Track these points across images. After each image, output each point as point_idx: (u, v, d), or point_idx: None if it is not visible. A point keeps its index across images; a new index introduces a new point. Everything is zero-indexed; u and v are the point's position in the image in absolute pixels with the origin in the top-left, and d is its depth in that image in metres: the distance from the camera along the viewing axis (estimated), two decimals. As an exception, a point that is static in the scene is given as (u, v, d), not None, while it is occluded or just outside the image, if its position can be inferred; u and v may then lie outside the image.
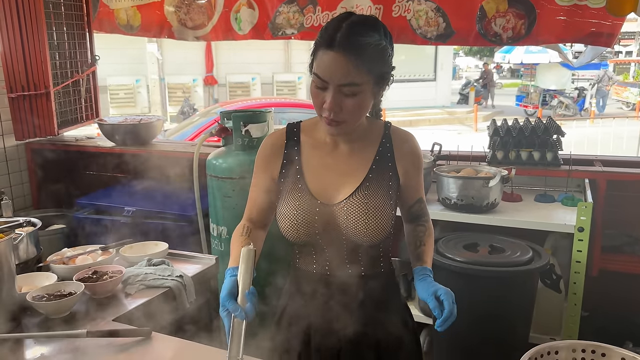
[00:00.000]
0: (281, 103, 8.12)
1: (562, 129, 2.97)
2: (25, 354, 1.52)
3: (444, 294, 1.39)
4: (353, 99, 1.34)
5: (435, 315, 1.37)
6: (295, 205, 1.46)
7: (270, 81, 15.26)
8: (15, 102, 3.49)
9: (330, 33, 1.32)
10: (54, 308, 1.68)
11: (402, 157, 1.51)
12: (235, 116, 2.68)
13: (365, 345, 1.52)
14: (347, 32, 1.31)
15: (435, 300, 1.39)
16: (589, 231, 2.37)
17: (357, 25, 1.33)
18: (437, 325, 1.36)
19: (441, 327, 1.36)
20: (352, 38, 1.30)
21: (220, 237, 2.74)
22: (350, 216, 1.43)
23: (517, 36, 2.92)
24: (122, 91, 14.23)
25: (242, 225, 1.57)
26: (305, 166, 1.50)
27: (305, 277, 1.54)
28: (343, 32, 1.30)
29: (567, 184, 2.85)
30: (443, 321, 1.35)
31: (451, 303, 1.37)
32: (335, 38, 1.30)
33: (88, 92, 3.93)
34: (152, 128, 3.81)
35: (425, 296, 1.42)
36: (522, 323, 2.43)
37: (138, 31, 3.79)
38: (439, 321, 1.36)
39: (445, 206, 2.69)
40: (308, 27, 3.31)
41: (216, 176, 2.70)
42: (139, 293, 1.88)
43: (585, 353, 1.31)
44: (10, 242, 1.66)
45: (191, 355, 1.51)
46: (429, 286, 1.44)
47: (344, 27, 1.31)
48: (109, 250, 2.14)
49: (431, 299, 1.39)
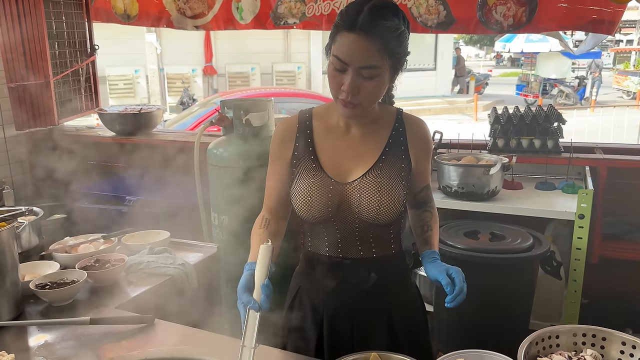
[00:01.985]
0: (281, 93, 8.10)
1: (562, 117, 2.97)
2: (29, 341, 1.53)
3: (455, 272, 1.42)
4: (371, 82, 1.35)
5: (447, 292, 1.39)
6: (309, 182, 1.47)
7: (269, 71, 15.18)
8: (15, 91, 3.48)
9: (352, 15, 1.32)
10: (57, 296, 1.69)
11: (415, 143, 1.53)
12: (236, 105, 2.68)
13: (377, 325, 1.54)
14: (369, 15, 1.31)
15: (447, 277, 1.41)
16: (589, 218, 2.38)
17: (378, 9, 1.33)
18: (447, 300, 1.39)
19: (452, 303, 1.38)
20: (374, 21, 1.31)
21: (221, 225, 2.74)
22: (364, 194, 1.45)
23: (518, 24, 2.91)
24: (121, 82, 14.17)
25: (262, 216, 1.59)
26: (318, 147, 1.51)
27: (316, 258, 1.56)
28: (365, 15, 1.31)
29: (568, 171, 2.85)
30: (454, 297, 1.38)
31: (462, 280, 1.40)
32: (357, 20, 1.31)
33: (88, 81, 3.92)
34: (153, 117, 3.81)
35: (437, 274, 1.45)
36: (522, 310, 2.45)
37: (135, 20, 3.77)
38: (450, 297, 1.38)
39: (446, 194, 2.70)
40: (310, 16, 3.29)
41: (217, 165, 2.70)
42: (141, 281, 1.89)
43: (586, 337, 1.32)
44: (13, 231, 1.66)
45: (193, 342, 1.52)
46: (439, 266, 1.48)
47: (365, 10, 1.31)
48: (111, 238, 2.15)
49: (443, 275, 1.42)
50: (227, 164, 2.66)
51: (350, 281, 1.52)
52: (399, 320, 1.56)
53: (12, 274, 1.62)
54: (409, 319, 1.59)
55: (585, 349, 1.29)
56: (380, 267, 1.53)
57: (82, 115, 3.93)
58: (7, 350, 1.43)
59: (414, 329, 1.60)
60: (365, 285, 1.52)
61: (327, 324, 1.56)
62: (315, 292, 1.58)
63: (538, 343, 1.29)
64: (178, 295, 1.91)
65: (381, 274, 1.53)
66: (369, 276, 1.52)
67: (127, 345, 1.50)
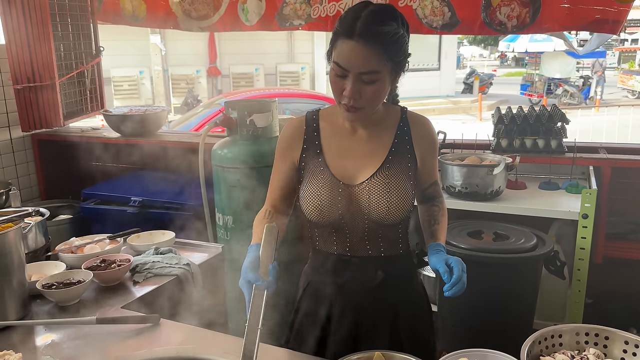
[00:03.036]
0: (285, 94, 8.11)
1: (566, 117, 2.96)
2: (36, 341, 1.55)
3: (455, 262, 1.41)
4: (372, 86, 1.37)
5: (445, 280, 1.39)
6: (318, 186, 1.49)
7: (273, 72, 15.18)
8: (21, 93, 3.50)
9: (350, 22, 1.34)
10: (63, 296, 1.71)
11: (420, 141, 1.54)
12: (240, 106, 2.69)
13: (383, 323, 1.56)
14: (366, 21, 1.33)
15: (446, 266, 1.41)
16: (593, 218, 2.38)
17: (375, 14, 1.35)
18: (445, 289, 1.38)
19: (449, 292, 1.37)
20: (371, 27, 1.33)
21: (226, 226, 2.75)
22: (372, 196, 1.47)
23: (522, 24, 2.91)
24: (125, 83, 14.19)
25: (265, 210, 1.60)
26: (325, 150, 1.53)
27: (326, 258, 1.57)
28: (362, 21, 1.33)
29: (572, 171, 2.85)
30: (451, 285, 1.37)
31: (460, 270, 1.39)
32: (355, 27, 1.33)
33: (93, 83, 3.94)
34: (158, 118, 3.82)
35: (436, 263, 1.45)
36: (526, 310, 2.45)
37: (143, 22, 3.79)
38: (447, 285, 1.37)
39: (450, 194, 2.70)
40: (315, 17, 3.31)
41: (222, 166, 2.71)
42: (147, 281, 1.90)
43: (589, 336, 1.32)
44: (20, 231, 1.67)
45: (199, 341, 1.53)
46: (440, 256, 1.47)
47: (363, 17, 1.33)
48: (117, 239, 2.16)
49: (441, 264, 1.42)
50: (231, 165, 2.67)
51: (357, 279, 1.54)
52: (404, 319, 1.57)
53: (19, 274, 1.64)
54: (414, 318, 1.61)
55: (588, 348, 1.30)
56: (387, 266, 1.55)
57: (87, 116, 3.96)
58: (14, 349, 1.44)
59: (418, 328, 1.61)
60: (372, 284, 1.54)
61: (334, 321, 1.57)
62: (323, 290, 1.59)
63: (541, 342, 1.29)
64: (183, 295, 1.92)
65: (388, 272, 1.55)
66: (376, 275, 1.54)
67: (133, 345, 1.51)
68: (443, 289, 1.38)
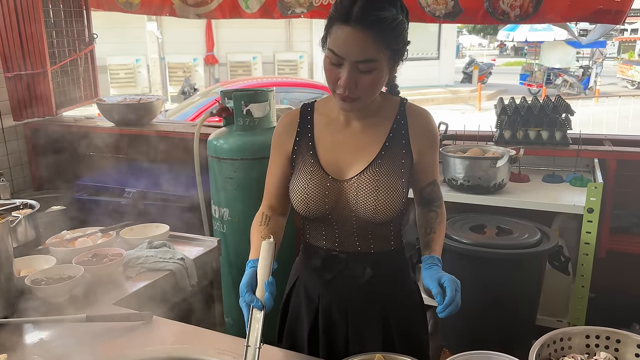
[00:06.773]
0: (283, 82, 8.03)
1: (571, 108, 2.90)
2: (24, 339, 1.50)
3: (448, 281, 1.33)
4: (369, 76, 1.30)
5: (437, 302, 1.31)
6: (306, 179, 1.43)
7: (271, 60, 15.07)
8: (12, 81, 3.44)
9: (346, 6, 1.25)
10: (53, 292, 1.65)
11: (417, 135, 1.46)
12: (236, 96, 2.62)
13: (372, 320, 1.51)
14: (363, 6, 1.24)
15: (439, 286, 1.33)
16: (598, 212, 2.33)
17: None
18: (438, 310, 1.31)
19: (442, 314, 1.30)
20: (369, 12, 1.24)
21: (222, 218, 2.70)
22: (360, 193, 1.40)
23: (525, 14, 2.86)
24: (122, 71, 14.08)
25: (261, 213, 1.54)
26: (317, 142, 1.47)
27: (314, 250, 1.52)
28: (359, 6, 1.24)
29: (576, 163, 2.79)
30: (444, 307, 1.29)
31: (454, 290, 1.31)
32: (352, 12, 1.24)
33: (86, 71, 3.87)
34: (152, 108, 3.75)
35: (429, 282, 1.37)
36: (529, 305, 2.40)
37: (138, 9, 3.72)
38: (440, 307, 1.30)
39: (452, 187, 2.65)
40: (317, 5, 3.26)
41: (217, 157, 2.65)
42: (140, 276, 1.85)
43: (600, 339, 1.27)
44: (7, 226, 1.62)
45: (193, 340, 1.48)
46: (434, 273, 1.38)
47: (360, 1, 1.25)
48: (109, 232, 2.10)
49: (434, 284, 1.34)
50: (227, 156, 2.61)
51: (345, 275, 1.49)
52: (393, 316, 1.52)
53: (6, 270, 1.59)
54: (405, 314, 1.55)
55: (599, 352, 1.25)
56: (377, 262, 1.49)
57: (80, 105, 3.89)
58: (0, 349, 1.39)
59: (408, 325, 1.55)
60: (361, 280, 1.48)
61: (322, 316, 1.53)
62: (311, 284, 1.55)
63: (550, 345, 1.25)
64: (177, 291, 1.87)
65: (377, 269, 1.49)
66: (364, 271, 1.48)
67: (125, 344, 1.46)
68: (436, 310, 1.31)
